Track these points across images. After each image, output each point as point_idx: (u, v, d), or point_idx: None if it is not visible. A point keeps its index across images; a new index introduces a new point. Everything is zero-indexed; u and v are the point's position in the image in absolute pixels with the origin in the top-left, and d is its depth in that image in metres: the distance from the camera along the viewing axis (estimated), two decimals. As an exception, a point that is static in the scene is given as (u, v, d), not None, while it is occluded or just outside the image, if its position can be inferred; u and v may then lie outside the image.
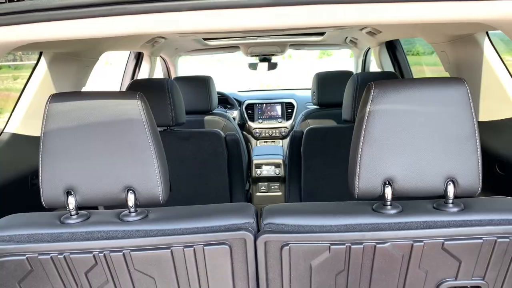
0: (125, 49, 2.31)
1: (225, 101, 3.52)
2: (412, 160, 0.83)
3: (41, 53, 1.51)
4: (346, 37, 2.86)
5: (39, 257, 0.82)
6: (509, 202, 0.87)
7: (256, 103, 3.55)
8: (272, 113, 3.54)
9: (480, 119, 1.54)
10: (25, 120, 1.50)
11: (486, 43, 1.48)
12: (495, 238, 0.80)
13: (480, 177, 0.83)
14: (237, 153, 1.92)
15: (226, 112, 3.22)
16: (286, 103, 3.53)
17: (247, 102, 3.55)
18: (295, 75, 9.82)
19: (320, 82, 2.36)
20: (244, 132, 3.41)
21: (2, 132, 1.48)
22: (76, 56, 1.60)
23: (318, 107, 2.45)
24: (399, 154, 0.83)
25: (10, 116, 1.51)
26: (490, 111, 1.50)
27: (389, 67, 2.59)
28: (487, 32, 1.47)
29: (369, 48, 2.96)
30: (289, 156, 1.88)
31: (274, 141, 3.49)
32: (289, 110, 3.48)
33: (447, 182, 0.83)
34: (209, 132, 1.88)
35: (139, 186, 0.86)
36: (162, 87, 1.68)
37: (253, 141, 3.54)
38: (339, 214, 0.85)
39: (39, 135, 1.52)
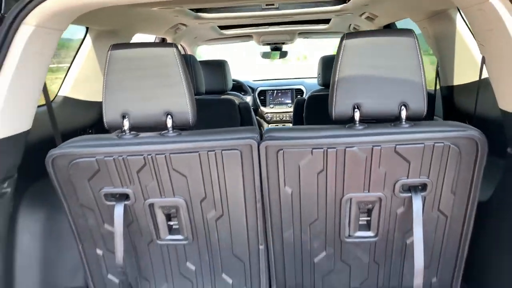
0: (151, 33, 2.64)
1: (240, 88, 3.84)
2: (374, 90, 1.12)
3: (87, 30, 1.84)
4: (350, 25, 3.14)
5: (105, 158, 1.13)
6: (450, 123, 1.15)
7: (268, 90, 3.87)
8: (282, 98, 3.86)
9: (455, 83, 1.82)
10: (74, 87, 1.82)
11: (458, 18, 1.75)
12: (433, 143, 1.07)
13: (425, 102, 1.11)
14: (248, 118, 2.21)
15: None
16: (296, 89, 3.85)
17: (259, 88, 3.88)
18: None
19: (324, 64, 2.64)
20: (257, 117, 3.72)
21: (56, 96, 1.81)
22: (114, 34, 1.92)
23: (323, 87, 2.74)
24: (364, 86, 1.12)
25: (62, 83, 1.83)
26: (461, 76, 1.77)
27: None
28: (458, 9, 1.74)
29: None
30: (293, 120, 2.16)
31: (284, 125, 3.81)
32: (299, 96, 3.78)
33: (400, 106, 1.11)
34: (225, 99, 2.19)
35: (175, 111, 1.17)
36: (185, 61, 1.99)
37: (265, 124, 3.86)
38: (321, 130, 1.14)
39: (85, 99, 1.85)
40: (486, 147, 1.09)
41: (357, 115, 1.13)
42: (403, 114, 1.12)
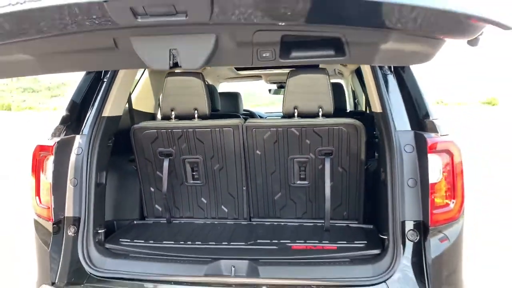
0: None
1: (251, 116, 4.90)
2: (305, 99, 2.10)
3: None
4: (334, 69, 4.17)
5: (161, 130, 2.15)
6: (345, 118, 2.10)
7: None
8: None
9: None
10: (138, 101, 2.86)
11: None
12: (334, 127, 2.03)
13: (332, 106, 2.08)
14: None
15: None
16: None
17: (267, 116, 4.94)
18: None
19: None
20: None
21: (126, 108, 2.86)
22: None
23: None
24: (300, 97, 2.10)
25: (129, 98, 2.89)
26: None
27: (359, 87, 3.86)
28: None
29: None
30: None
31: None
32: None
33: (318, 108, 2.09)
34: (232, 114, 3.18)
35: (199, 108, 2.18)
36: (208, 87, 3.03)
37: None
38: (277, 120, 2.13)
39: (147, 110, 2.87)
40: (364, 130, 2.04)
41: (296, 113, 2.11)
42: (320, 112, 2.09)
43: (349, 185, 2.17)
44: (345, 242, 1.91)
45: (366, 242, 1.86)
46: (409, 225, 1.64)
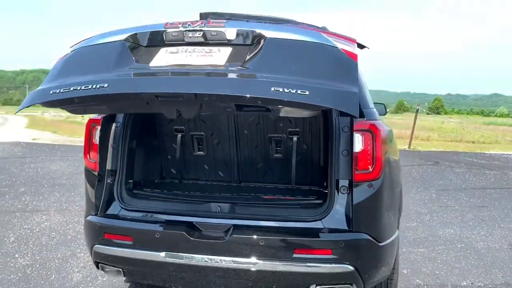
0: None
1: None
2: None
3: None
4: None
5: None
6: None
7: None
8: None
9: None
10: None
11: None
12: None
13: None
14: None
15: None
16: None
17: None
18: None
19: None
20: None
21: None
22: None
23: None
24: None
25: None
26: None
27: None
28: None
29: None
30: None
31: None
32: None
33: None
34: None
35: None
36: None
37: None
38: None
39: None
40: (322, 117, 2.76)
41: None
42: None
43: (312, 158, 2.90)
44: (301, 196, 2.64)
45: (316, 196, 2.58)
46: (342, 183, 2.35)
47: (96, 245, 2.55)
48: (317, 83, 1.85)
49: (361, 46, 2.73)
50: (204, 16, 2.27)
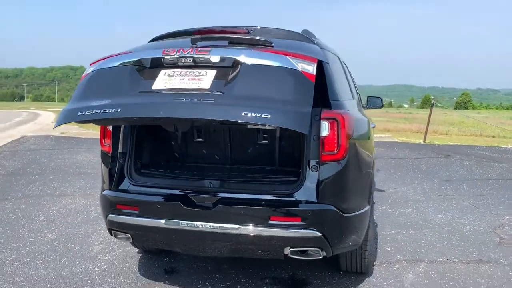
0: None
1: None
2: None
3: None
4: None
5: None
6: None
7: None
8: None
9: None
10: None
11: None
12: None
13: None
14: None
15: None
16: None
17: None
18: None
19: None
20: None
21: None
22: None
23: None
24: None
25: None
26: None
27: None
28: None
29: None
30: None
31: None
32: None
33: None
34: None
35: None
36: None
37: None
38: None
39: None
40: None
41: None
42: None
43: (293, 144, 3.33)
44: (281, 175, 3.09)
45: (293, 175, 3.02)
46: (312, 162, 2.77)
47: (109, 215, 3.06)
48: (278, 106, 2.36)
49: None
50: (194, 41, 2.72)
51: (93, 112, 2.47)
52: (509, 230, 4.87)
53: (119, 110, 2.42)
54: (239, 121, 2.35)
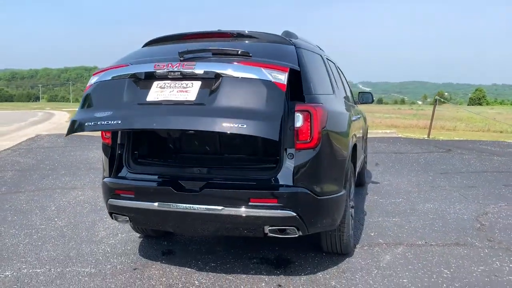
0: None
1: None
2: None
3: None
4: None
5: None
6: None
7: None
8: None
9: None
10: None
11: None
12: None
13: None
14: None
15: None
16: None
17: None
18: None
19: None
20: None
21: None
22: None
23: None
24: None
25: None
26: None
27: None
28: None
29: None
30: None
31: None
32: None
33: None
34: None
35: None
36: None
37: None
38: None
39: None
40: None
41: None
42: None
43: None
44: (262, 163, 3.41)
45: (272, 163, 3.33)
46: (289, 150, 3.08)
47: (110, 199, 3.42)
48: (252, 116, 2.68)
49: None
50: (181, 54, 3.03)
51: (98, 123, 2.87)
52: (491, 217, 5.12)
53: (119, 122, 2.82)
54: (219, 130, 2.71)
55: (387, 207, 5.57)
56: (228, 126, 2.65)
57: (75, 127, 3.00)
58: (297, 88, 3.13)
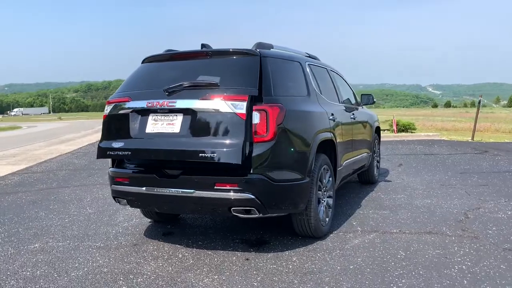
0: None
1: None
2: None
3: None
4: None
5: None
6: None
7: None
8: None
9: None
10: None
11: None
12: None
13: None
14: None
15: None
16: None
17: None
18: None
19: None
20: None
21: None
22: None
23: None
24: None
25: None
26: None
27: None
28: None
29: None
30: None
31: None
32: None
33: None
34: None
35: None
36: None
37: None
38: None
39: None
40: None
41: None
42: None
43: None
44: None
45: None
46: (248, 143, 3.64)
47: (112, 185, 4.17)
48: (220, 145, 3.49)
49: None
50: (167, 90, 3.78)
51: (115, 153, 3.88)
52: (481, 212, 5.30)
53: (129, 153, 3.83)
54: (195, 160, 3.54)
55: (385, 202, 5.90)
56: (202, 156, 3.50)
57: (102, 153, 3.98)
58: (257, 91, 3.69)
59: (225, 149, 3.46)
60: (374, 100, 6.50)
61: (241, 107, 3.52)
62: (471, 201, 5.82)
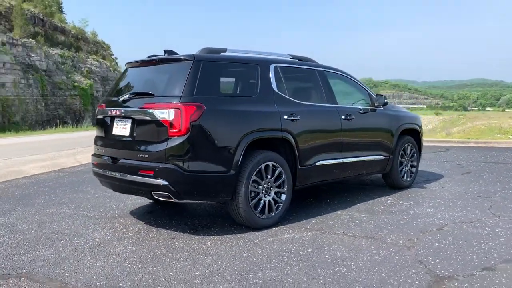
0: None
1: None
2: None
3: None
4: None
5: None
6: None
7: None
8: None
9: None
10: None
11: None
12: None
13: None
14: None
15: None
16: None
17: None
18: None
19: None
20: None
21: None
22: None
23: None
24: None
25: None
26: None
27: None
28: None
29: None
30: None
31: None
32: None
33: None
34: None
35: None
36: None
37: None
38: None
39: None
40: None
41: None
42: None
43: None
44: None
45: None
46: (165, 137, 4.18)
47: (92, 168, 5.24)
48: (151, 148, 4.39)
49: None
50: (122, 100, 4.76)
51: (99, 151, 5.11)
52: (468, 216, 4.88)
53: (104, 151, 4.97)
54: (136, 160, 4.48)
55: (386, 208, 5.60)
56: (141, 156, 4.36)
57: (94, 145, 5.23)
58: (178, 92, 4.29)
59: (153, 145, 4.28)
60: (386, 101, 6.34)
61: (165, 115, 4.21)
62: (473, 215, 5.18)
